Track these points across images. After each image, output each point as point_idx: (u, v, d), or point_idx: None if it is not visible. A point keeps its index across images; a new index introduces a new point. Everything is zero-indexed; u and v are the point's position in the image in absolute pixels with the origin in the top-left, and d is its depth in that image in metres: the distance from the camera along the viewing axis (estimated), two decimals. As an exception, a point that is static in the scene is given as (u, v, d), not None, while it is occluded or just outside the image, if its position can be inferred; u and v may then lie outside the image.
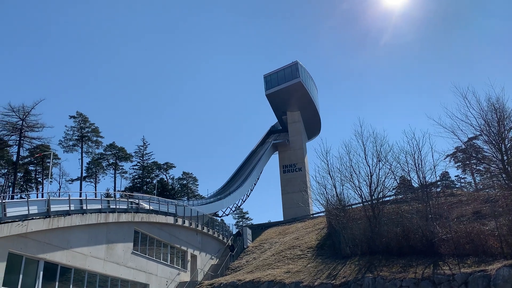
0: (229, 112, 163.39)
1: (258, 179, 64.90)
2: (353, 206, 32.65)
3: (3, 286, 18.17)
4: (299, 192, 54.29)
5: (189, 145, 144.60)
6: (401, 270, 22.92)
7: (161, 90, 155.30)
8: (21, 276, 19.34)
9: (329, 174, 32.71)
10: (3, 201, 19.66)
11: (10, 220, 19.14)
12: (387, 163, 29.73)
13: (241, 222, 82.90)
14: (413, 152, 28.40)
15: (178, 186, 76.10)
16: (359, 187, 30.44)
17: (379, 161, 29.88)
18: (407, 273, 22.32)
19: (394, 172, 29.86)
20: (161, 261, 31.19)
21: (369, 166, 30.05)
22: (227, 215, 60.03)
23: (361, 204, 30.87)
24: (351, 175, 30.90)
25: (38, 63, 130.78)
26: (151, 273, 29.39)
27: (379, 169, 29.70)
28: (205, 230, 38.82)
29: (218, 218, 54.41)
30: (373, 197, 29.69)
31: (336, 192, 32.41)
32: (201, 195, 70.63)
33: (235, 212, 73.36)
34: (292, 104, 65.75)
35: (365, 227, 28.49)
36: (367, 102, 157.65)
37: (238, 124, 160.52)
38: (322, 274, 26.26)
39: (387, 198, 31.22)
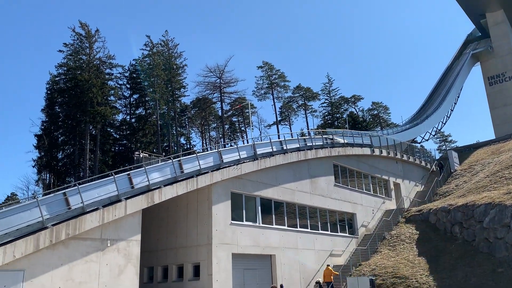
0: (413, 28, 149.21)
1: (458, 97, 58.68)
2: None
3: (232, 220, 21.29)
4: (513, 104, 47.12)
5: (374, 73, 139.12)
6: None
7: (333, 21, 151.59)
8: (244, 212, 22.30)
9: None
10: (219, 149, 22.64)
11: (227, 165, 21.99)
12: None
13: (444, 146, 77.18)
14: None
15: (369, 117, 74.78)
16: None
17: None
18: None
19: None
20: (364, 191, 31.65)
21: None
22: (427, 140, 56.65)
23: None
24: None
25: (223, 23, 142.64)
26: (356, 203, 30.20)
27: None
28: (404, 157, 37.51)
29: (417, 144, 51.76)
30: None
31: None
32: (395, 123, 68.06)
33: (435, 136, 68.70)
34: (491, 2, 55.70)
35: None
36: None
37: (425, 40, 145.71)
38: (555, 193, 22.50)
39: None
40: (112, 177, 17.53)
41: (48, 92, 45.17)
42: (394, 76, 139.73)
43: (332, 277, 23.48)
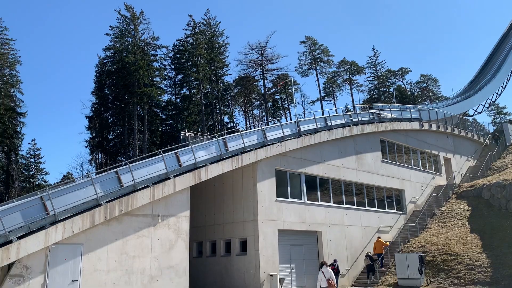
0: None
1: (515, 66, 55.09)
2: None
3: (277, 197, 21.42)
4: None
5: (422, 43, 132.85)
6: None
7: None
8: (288, 188, 22.35)
9: None
10: (263, 127, 22.66)
11: (271, 143, 22.01)
12: None
13: (499, 119, 73.22)
14: None
15: (417, 90, 72.15)
16: None
17: None
18: None
19: None
20: (413, 166, 30.81)
21: None
22: (480, 113, 54.09)
23: None
24: None
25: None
26: (404, 179, 29.48)
27: None
28: (455, 131, 36.04)
29: (469, 117, 49.50)
30: None
31: None
32: (445, 96, 65.26)
33: (489, 108, 65.25)
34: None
35: None
36: None
37: (478, 6, 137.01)
38: None
39: None
40: (161, 156, 18.06)
41: (97, 74, 46.82)
42: (444, 46, 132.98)
43: (383, 249, 23.47)
